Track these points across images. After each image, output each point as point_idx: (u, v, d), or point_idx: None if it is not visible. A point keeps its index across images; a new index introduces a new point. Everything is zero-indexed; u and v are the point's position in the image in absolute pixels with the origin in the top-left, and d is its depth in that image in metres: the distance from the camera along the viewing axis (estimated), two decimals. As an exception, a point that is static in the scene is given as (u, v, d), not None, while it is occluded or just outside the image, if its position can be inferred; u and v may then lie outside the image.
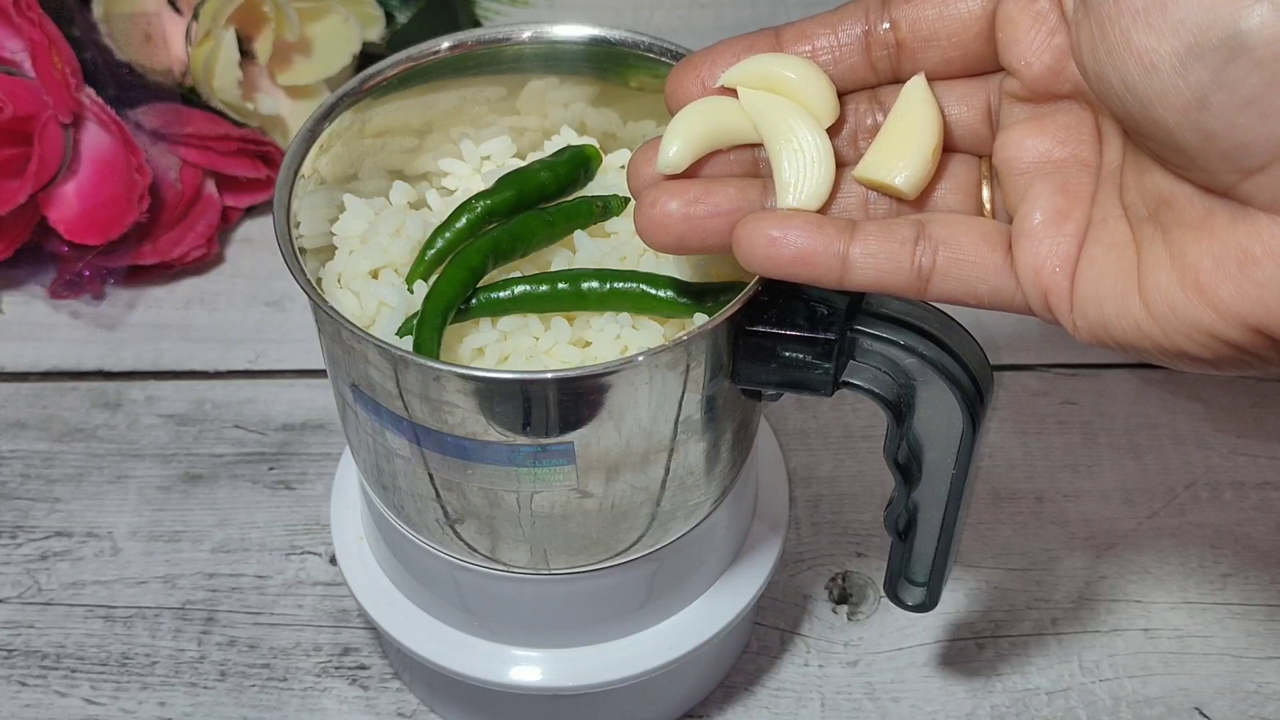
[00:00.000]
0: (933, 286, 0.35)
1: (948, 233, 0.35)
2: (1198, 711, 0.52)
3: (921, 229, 0.35)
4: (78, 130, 0.63)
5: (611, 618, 0.46)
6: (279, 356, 0.64)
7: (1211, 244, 0.31)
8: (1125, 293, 0.33)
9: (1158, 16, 0.30)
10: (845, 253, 0.35)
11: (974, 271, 0.35)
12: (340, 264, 0.42)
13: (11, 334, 0.65)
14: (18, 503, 0.58)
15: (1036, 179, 0.34)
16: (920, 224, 0.35)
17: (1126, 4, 0.30)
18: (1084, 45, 0.32)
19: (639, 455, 0.40)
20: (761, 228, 0.35)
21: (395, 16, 0.73)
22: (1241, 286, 0.31)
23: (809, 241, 0.34)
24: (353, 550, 0.49)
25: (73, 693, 0.52)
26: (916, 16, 0.35)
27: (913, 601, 0.47)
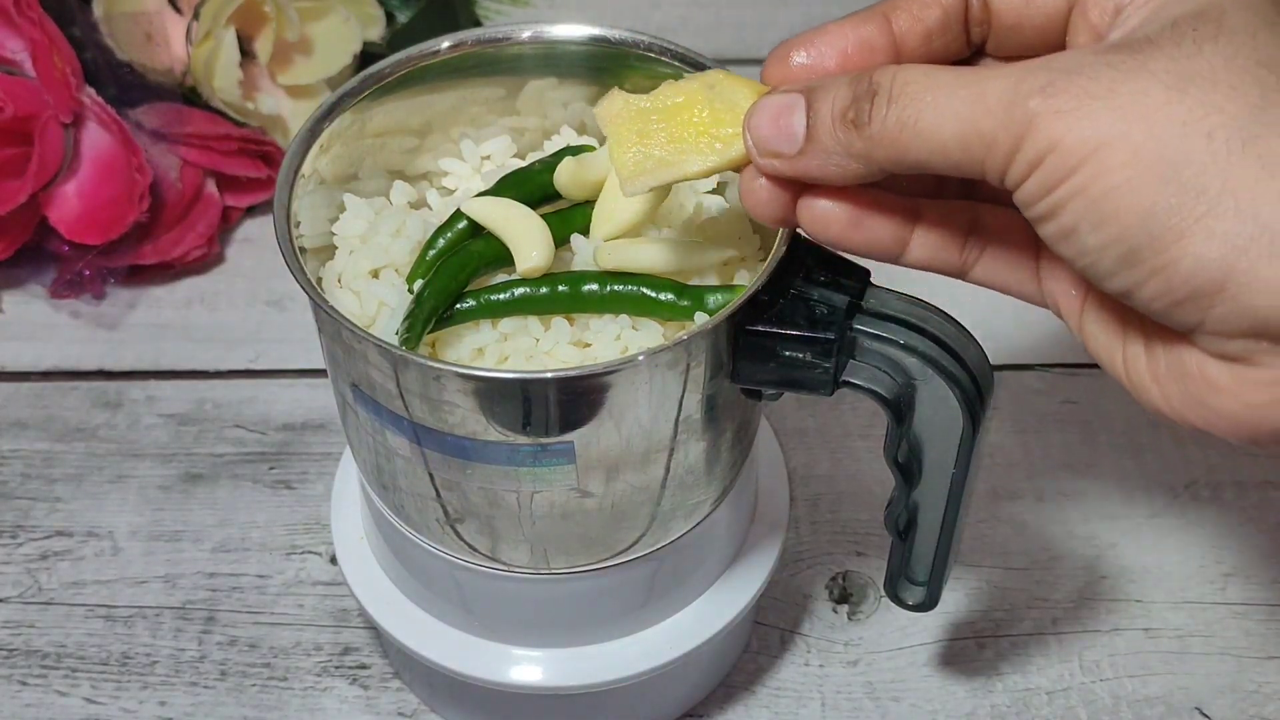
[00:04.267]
0: (971, 276, 0.38)
1: (998, 229, 0.36)
2: (1198, 711, 0.52)
3: (976, 219, 0.36)
4: (78, 130, 0.63)
5: (612, 618, 0.46)
6: (279, 356, 0.64)
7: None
8: (1115, 361, 0.37)
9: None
10: (908, 238, 0.37)
11: (1010, 274, 0.37)
12: (340, 264, 0.42)
13: (12, 334, 0.65)
14: (18, 502, 0.58)
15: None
16: (976, 213, 0.36)
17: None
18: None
19: (639, 455, 0.40)
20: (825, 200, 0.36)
21: (395, 16, 0.73)
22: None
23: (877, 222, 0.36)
24: (353, 550, 0.49)
25: (73, 692, 0.52)
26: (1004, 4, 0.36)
27: (913, 601, 0.47)
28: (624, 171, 0.36)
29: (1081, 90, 0.31)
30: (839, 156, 0.34)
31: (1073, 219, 0.31)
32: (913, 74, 0.33)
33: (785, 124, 0.35)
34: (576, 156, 0.42)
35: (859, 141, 0.33)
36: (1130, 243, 0.31)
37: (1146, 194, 0.30)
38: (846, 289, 0.39)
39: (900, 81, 0.33)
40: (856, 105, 0.33)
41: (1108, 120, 0.30)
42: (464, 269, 0.40)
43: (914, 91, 0.32)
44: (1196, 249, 0.30)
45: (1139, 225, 0.30)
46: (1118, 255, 0.31)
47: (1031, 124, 0.31)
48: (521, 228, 0.40)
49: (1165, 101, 0.30)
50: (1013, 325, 0.63)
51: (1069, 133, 0.30)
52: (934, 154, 0.32)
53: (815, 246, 0.40)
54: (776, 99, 0.35)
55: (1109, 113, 0.30)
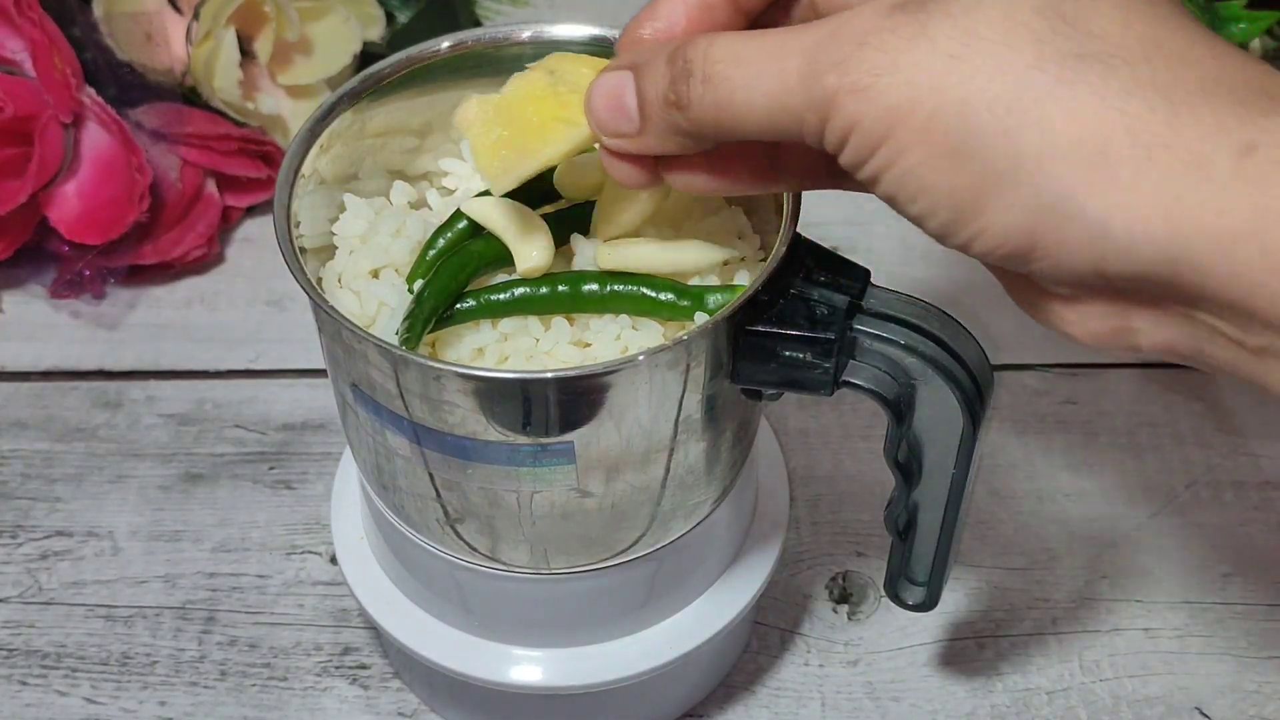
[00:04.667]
0: (852, 187, 0.36)
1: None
2: (1198, 711, 0.52)
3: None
4: (78, 130, 0.63)
5: (612, 618, 0.46)
6: (279, 356, 0.64)
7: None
8: (1004, 286, 0.36)
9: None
10: (775, 169, 0.37)
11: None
12: (340, 264, 0.42)
13: (12, 334, 0.65)
14: (18, 502, 0.58)
15: None
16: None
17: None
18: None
19: (639, 455, 0.40)
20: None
21: (395, 16, 0.73)
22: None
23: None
24: (353, 550, 0.49)
25: (73, 692, 0.52)
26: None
27: (913, 601, 0.47)
28: (489, 172, 0.37)
29: (871, 65, 0.31)
30: (672, 133, 0.35)
31: (888, 190, 0.33)
32: (720, 50, 0.33)
33: (620, 104, 0.35)
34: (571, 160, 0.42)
35: (684, 121, 0.34)
36: (943, 214, 0.32)
37: (942, 173, 0.31)
38: (846, 289, 0.39)
39: (710, 60, 0.33)
40: (674, 86, 0.34)
41: (896, 96, 0.31)
42: (464, 269, 0.40)
43: (722, 71, 0.33)
44: (1000, 219, 0.31)
45: (945, 200, 0.32)
46: (938, 223, 0.32)
47: (831, 103, 0.32)
48: (522, 228, 0.40)
49: (945, 73, 0.30)
50: (1013, 325, 0.63)
51: (864, 113, 0.31)
52: (754, 128, 0.33)
53: (816, 247, 0.40)
54: (607, 80, 0.35)
55: (896, 89, 0.31)
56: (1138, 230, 0.30)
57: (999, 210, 0.31)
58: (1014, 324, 0.63)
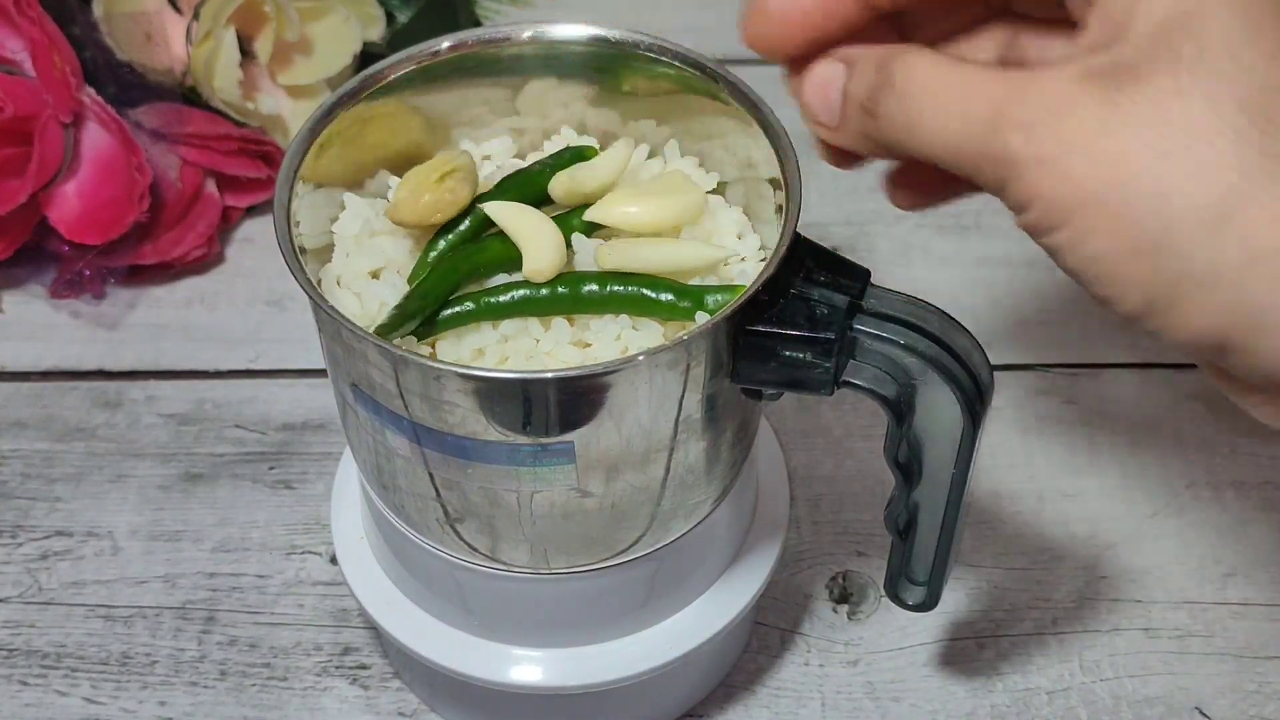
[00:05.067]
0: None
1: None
2: (1198, 711, 0.52)
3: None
4: (78, 130, 0.63)
5: (612, 617, 0.46)
6: (279, 356, 0.64)
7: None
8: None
9: None
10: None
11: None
12: (340, 264, 0.42)
13: (12, 334, 0.65)
14: (18, 502, 0.58)
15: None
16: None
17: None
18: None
19: (639, 455, 0.40)
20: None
21: (395, 16, 0.73)
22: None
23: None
24: (353, 550, 0.49)
25: (73, 692, 0.52)
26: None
27: (913, 601, 0.47)
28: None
29: (1060, 138, 0.30)
30: (863, 137, 0.35)
31: (1071, 268, 0.32)
32: (920, 71, 0.33)
33: (826, 96, 0.36)
34: (569, 170, 0.42)
35: (874, 130, 0.34)
36: (1132, 304, 0.31)
37: (1134, 266, 0.30)
38: (847, 289, 0.39)
39: (909, 77, 0.33)
40: (873, 93, 0.34)
41: (1085, 178, 0.30)
42: (456, 270, 0.40)
43: (917, 93, 0.32)
44: (1194, 320, 0.30)
45: (1136, 292, 0.31)
46: (1126, 310, 0.31)
47: (1014, 164, 0.31)
48: (536, 231, 0.40)
49: (1140, 163, 0.30)
50: (1013, 325, 0.63)
51: (1050, 188, 0.31)
52: (935, 156, 0.33)
53: (816, 247, 0.40)
54: (823, 69, 0.36)
55: (1086, 170, 0.30)
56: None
57: (1193, 312, 0.30)
58: (1014, 324, 0.63)
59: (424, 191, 0.41)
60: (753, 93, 0.43)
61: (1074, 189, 0.30)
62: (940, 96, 0.32)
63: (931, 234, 0.68)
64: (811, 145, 0.38)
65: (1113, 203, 0.30)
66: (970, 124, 0.32)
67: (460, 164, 0.41)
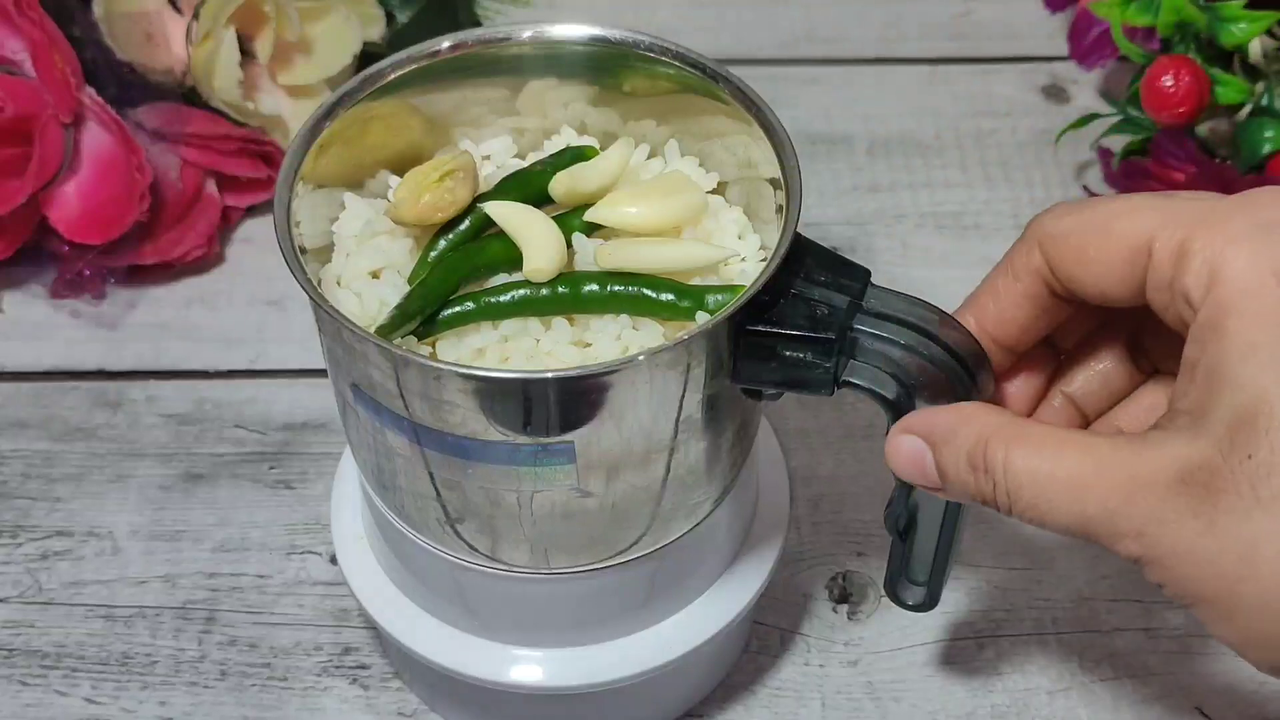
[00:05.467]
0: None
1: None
2: (1198, 711, 0.52)
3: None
4: (78, 130, 0.63)
5: (612, 617, 0.46)
6: (279, 356, 0.64)
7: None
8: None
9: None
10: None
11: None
12: (340, 264, 0.42)
13: (12, 334, 0.65)
14: (18, 502, 0.58)
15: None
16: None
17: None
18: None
19: (640, 454, 0.40)
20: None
21: (395, 16, 0.73)
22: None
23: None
24: (353, 550, 0.49)
25: (73, 692, 0.52)
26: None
27: (913, 601, 0.47)
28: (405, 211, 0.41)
29: (1171, 549, 0.34)
30: (972, 499, 0.38)
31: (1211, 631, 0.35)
32: (1019, 470, 0.36)
33: (923, 469, 0.39)
34: (569, 170, 0.42)
35: (990, 504, 0.37)
36: (1264, 669, 0.35)
37: (1260, 654, 0.34)
38: (847, 289, 0.39)
39: (1010, 477, 0.36)
40: (981, 490, 0.37)
41: (1200, 584, 0.34)
42: (456, 270, 0.40)
43: (1024, 494, 0.36)
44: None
45: (1264, 658, 0.35)
46: (1263, 671, 0.35)
47: (1135, 560, 0.35)
48: (536, 232, 0.40)
49: (1240, 578, 0.33)
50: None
51: (1171, 584, 0.34)
52: (1060, 530, 0.36)
53: (816, 247, 0.40)
54: (909, 446, 0.39)
55: (1198, 573, 0.34)
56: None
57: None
58: (1014, 324, 0.63)
59: (424, 191, 0.41)
60: (753, 93, 0.43)
61: (1191, 589, 0.34)
62: (1050, 497, 0.35)
63: (931, 234, 0.68)
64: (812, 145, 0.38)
65: (1223, 605, 0.34)
66: (1087, 522, 0.35)
67: (460, 164, 0.41)
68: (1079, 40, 0.73)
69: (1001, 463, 0.36)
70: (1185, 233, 0.35)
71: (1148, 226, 0.36)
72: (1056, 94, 0.75)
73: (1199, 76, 0.62)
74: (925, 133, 0.73)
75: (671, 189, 0.42)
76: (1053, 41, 0.78)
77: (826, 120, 0.73)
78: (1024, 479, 0.36)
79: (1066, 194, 0.70)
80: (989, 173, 0.71)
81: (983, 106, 0.75)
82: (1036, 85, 0.76)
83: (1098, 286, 0.37)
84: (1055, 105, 0.75)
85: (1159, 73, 0.63)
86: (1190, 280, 0.35)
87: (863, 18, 0.80)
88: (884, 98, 0.75)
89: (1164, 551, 0.34)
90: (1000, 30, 0.79)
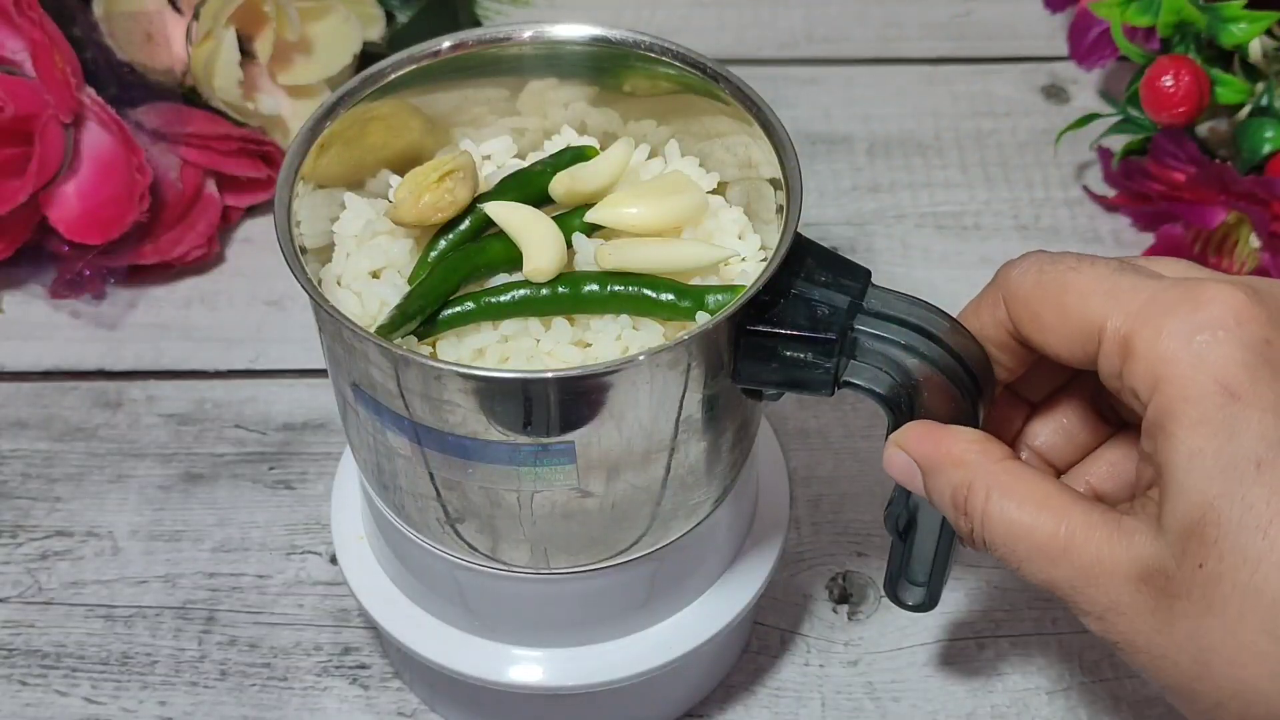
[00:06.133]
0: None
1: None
2: (1198, 711, 0.52)
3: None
4: (78, 130, 0.63)
5: (612, 617, 0.46)
6: (279, 356, 0.64)
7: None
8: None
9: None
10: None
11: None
12: (340, 264, 0.42)
13: (12, 333, 0.65)
14: (18, 502, 0.58)
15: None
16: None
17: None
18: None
19: (640, 455, 0.40)
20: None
21: (395, 16, 0.73)
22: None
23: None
24: (353, 550, 0.49)
25: (73, 692, 0.52)
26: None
27: (913, 601, 0.47)
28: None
29: (1129, 637, 0.35)
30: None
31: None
32: (996, 520, 0.37)
33: (913, 483, 0.40)
34: (569, 170, 0.42)
35: (969, 541, 0.38)
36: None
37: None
38: (847, 289, 0.39)
39: (987, 527, 0.37)
40: (959, 520, 0.38)
41: (1159, 674, 0.35)
42: (457, 271, 0.40)
43: (1003, 544, 0.37)
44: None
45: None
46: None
47: (1104, 636, 0.36)
48: (536, 232, 0.40)
49: (1196, 675, 0.34)
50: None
51: (1139, 665, 0.35)
52: (1031, 582, 0.37)
53: (816, 247, 0.40)
54: (901, 462, 0.39)
55: (1156, 665, 0.35)
56: None
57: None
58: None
59: (424, 191, 0.41)
60: (753, 93, 0.43)
61: (1150, 675, 0.35)
62: (1020, 554, 0.36)
63: (931, 234, 0.68)
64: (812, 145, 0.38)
65: (1183, 693, 0.35)
66: (1054, 587, 0.36)
67: (460, 164, 0.41)
68: (1079, 40, 0.73)
69: (981, 510, 0.37)
70: (1130, 327, 0.35)
71: (1097, 311, 0.36)
72: (1056, 94, 0.75)
73: (1199, 76, 0.62)
74: (925, 133, 0.73)
75: (671, 189, 0.42)
76: (1053, 41, 0.78)
77: (826, 120, 0.73)
78: (1000, 530, 0.37)
79: (1066, 194, 0.70)
80: (989, 173, 0.71)
81: (983, 106, 0.75)
82: (1036, 85, 0.76)
83: (1054, 351, 0.38)
84: (1055, 105, 0.75)
85: (1159, 73, 0.63)
86: (1136, 381, 0.35)
87: (863, 18, 0.80)
88: (884, 98, 0.75)
89: (1122, 639, 0.35)
90: (1000, 30, 0.79)
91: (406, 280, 0.41)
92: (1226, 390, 0.33)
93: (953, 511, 0.38)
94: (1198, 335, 0.34)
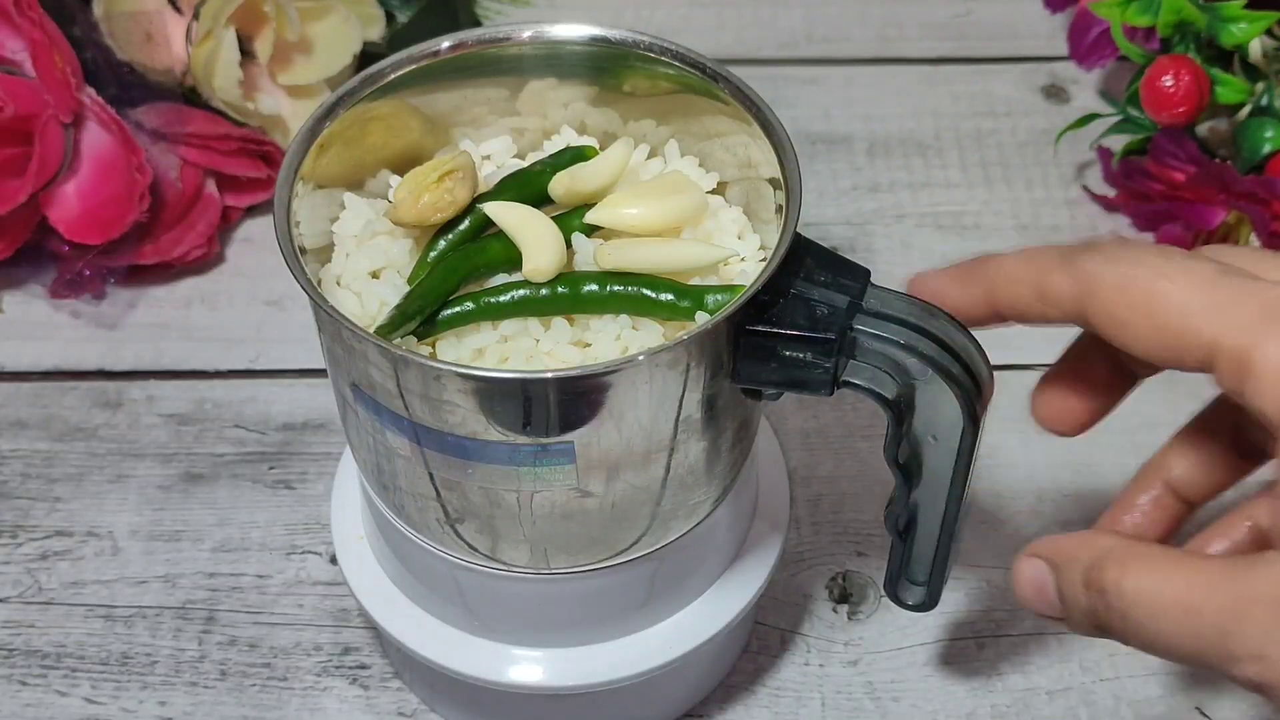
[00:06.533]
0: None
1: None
2: (1198, 711, 0.52)
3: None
4: (78, 130, 0.63)
5: (612, 617, 0.46)
6: (279, 356, 0.64)
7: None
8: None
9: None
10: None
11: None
12: (340, 264, 0.42)
13: (12, 333, 0.65)
14: (18, 502, 0.58)
15: None
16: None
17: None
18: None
19: (639, 455, 0.40)
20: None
21: (395, 16, 0.73)
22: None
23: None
24: (353, 550, 0.49)
25: (73, 692, 0.52)
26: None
27: (913, 601, 0.47)
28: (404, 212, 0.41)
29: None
30: (1093, 631, 0.37)
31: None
32: (1129, 588, 0.35)
33: (1045, 595, 0.38)
34: (569, 170, 0.42)
35: (1102, 632, 0.36)
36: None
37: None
38: (847, 289, 0.39)
39: (1123, 597, 0.35)
40: (1093, 611, 0.36)
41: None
42: (456, 271, 0.40)
43: (1136, 615, 0.35)
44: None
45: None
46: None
47: (1260, 689, 0.34)
48: (535, 232, 0.40)
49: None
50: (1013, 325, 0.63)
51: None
52: (1167, 659, 0.35)
53: (816, 246, 0.40)
54: (1032, 571, 0.38)
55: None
56: None
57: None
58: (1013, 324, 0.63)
59: (424, 191, 0.41)
60: (753, 93, 0.43)
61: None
62: (1160, 618, 0.34)
63: (931, 234, 0.68)
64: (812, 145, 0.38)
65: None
66: (1200, 643, 0.34)
67: (460, 164, 0.42)
68: (1079, 40, 0.73)
69: (1114, 583, 0.35)
70: (1243, 342, 0.33)
71: (1203, 330, 0.34)
72: (1056, 94, 0.75)
73: (1199, 76, 0.62)
74: (925, 133, 0.73)
75: (671, 189, 0.42)
76: (1053, 41, 0.78)
77: (826, 120, 0.73)
78: (1135, 599, 0.35)
79: (1066, 194, 0.70)
80: (989, 173, 0.71)
81: (982, 106, 0.75)
82: (1036, 85, 0.76)
83: (1141, 354, 0.37)
84: (1055, 105, 0.75)
85: (1159, 73, 0.63)
86: (1263, 401, 0.33)
87: (863, 18, 0.80)
88: (884, 98, 0.75)
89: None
90: (1000, 30, 0.79)
91: (406, 280, 0.41)
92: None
93: (1085, 596, 0.36)
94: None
